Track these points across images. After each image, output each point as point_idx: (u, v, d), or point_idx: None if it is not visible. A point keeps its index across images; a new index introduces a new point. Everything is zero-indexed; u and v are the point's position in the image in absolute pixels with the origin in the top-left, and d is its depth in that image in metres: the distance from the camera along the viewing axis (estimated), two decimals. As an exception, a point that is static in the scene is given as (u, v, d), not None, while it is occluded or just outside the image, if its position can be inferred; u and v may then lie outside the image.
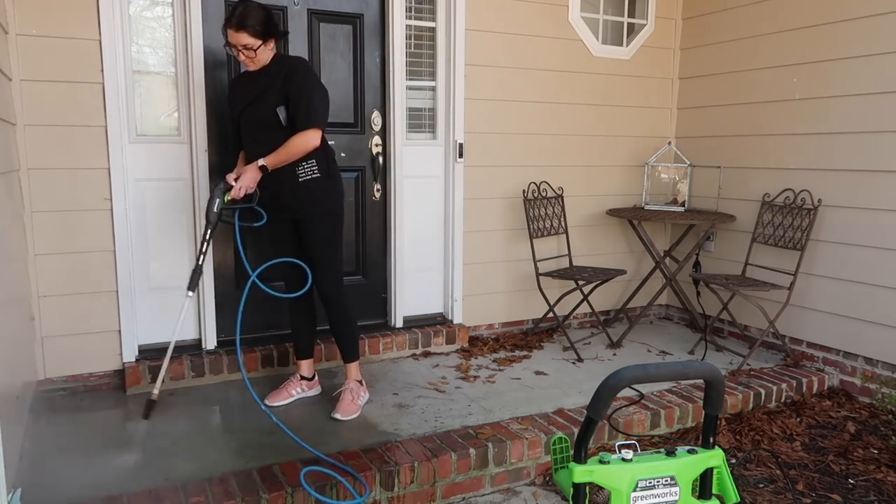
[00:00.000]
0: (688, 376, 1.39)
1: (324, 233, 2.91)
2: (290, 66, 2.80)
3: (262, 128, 2.81)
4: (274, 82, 2.77)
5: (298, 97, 2.73)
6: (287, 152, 2.74)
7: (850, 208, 3.53)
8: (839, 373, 3.63)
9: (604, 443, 2.94)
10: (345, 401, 2.98)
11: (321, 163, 2.86)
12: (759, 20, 3.97)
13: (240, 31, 2.70)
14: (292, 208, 2.89)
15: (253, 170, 2.75)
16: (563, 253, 4.24)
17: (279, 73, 2.78)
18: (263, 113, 2.79)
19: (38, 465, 2.50)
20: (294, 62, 2.83)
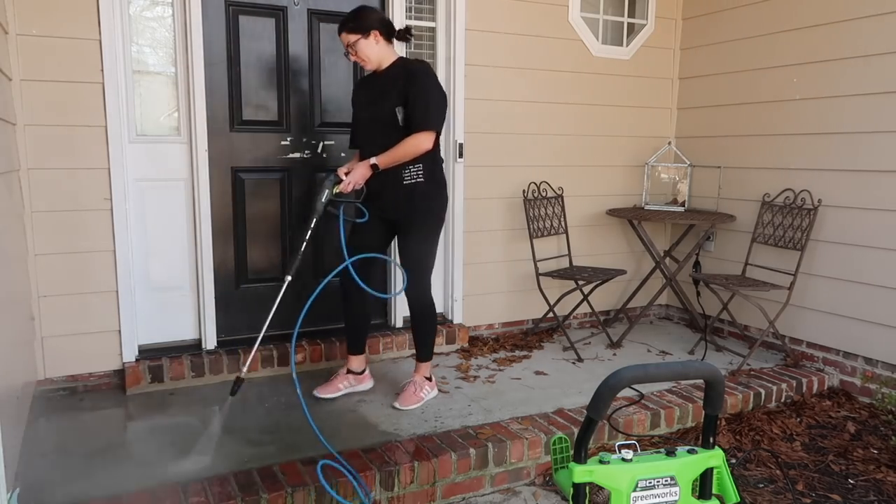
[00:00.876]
0: (688, 376, 1.39)
1: (419, 236, 2.93)
2: (412, 68, 2.85)
3: (378, 127, 2.87)
4: (395, 83, 2.82)
5: (416, 99, 2.77)
6: (399, 153, 2.79)
7: (850, 208, 3.53)
8: (839, 373, 3.63)
9: (604, 443, 2.94)
10: (407, 391, 3.06)
11: (428, 167, 2.89)
12: (759, 20, 3.97)
13: (341, 33, 2.86)
14: (392, 209, 2.93)
15: (364, 167, 2.81)
16: (563, 253, 4.24)
17: (400, 75, 2.83)
18: (382, 113, 2.84)
19: (38, 465, 2.50)
20: (416, 65, 2.87)
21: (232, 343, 3.52)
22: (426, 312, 3.04)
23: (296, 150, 3.61)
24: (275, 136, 3.55)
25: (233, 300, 3.56)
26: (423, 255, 2.96)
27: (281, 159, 3.58)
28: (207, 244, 3.41)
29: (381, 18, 2.88)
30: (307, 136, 3.62)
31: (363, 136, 2.97)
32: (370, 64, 2.88)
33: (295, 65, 3.55)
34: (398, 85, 2.82)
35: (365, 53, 2.85)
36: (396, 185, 2.87)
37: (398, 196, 2.89)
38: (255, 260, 3.59)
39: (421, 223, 2.93)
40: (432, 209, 2.95)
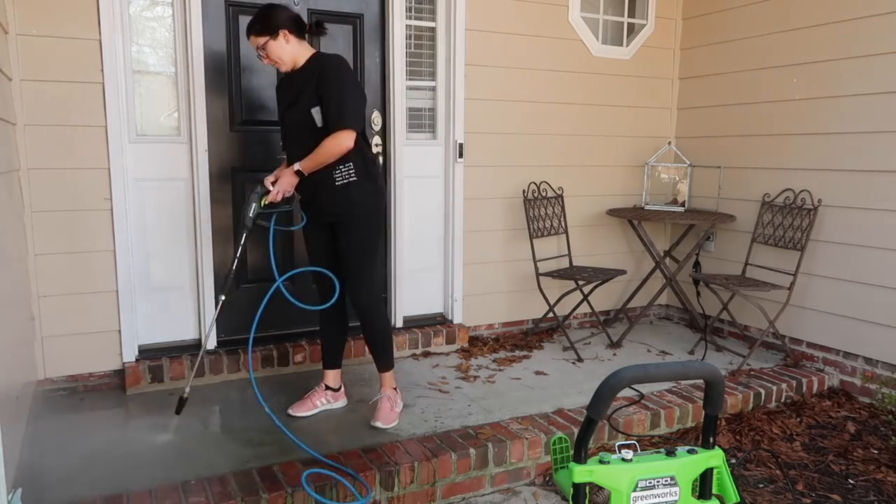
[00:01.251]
0: (688, 376, 1.38)
1: (358, 237, 2.78)
2: (323, 64, 2.69)
3: (299, 130, 2.73)
4: (308, 82, 2.68)
5: (329, 97, 2.63)
6: (321, 155, 2.65)
7: (850, 208, 3.53)
8: (839, 373, 3.63)
9: (604, 443, 2.94)
10: (383, 409, 2.88)
11: (358, 165, 2.75)
12: (759, 20, 3.97)
13: (249, 36, 2.72)
14: (329, 211, 2.79)
15: (289, 174, 2.70)
16: (563, 253, 4.24)
17: (313, 73, 2.69)
18: (300, 115, 2.70)
19: (37, 465, 2.50)
20: (326, 60, 2.71)
21: (232, 343, 3.51)
22: (378, 320, 2.87)
23: (296, 150, 3.60)
24: (275, 136, 3.55)
25: (233, 300, 3.55)
26: (366, 260, 2.81)
27: (281, 159, 3.57)
28: (207, 244, 3.41)
29: (289, 16, 2.71)
30: (307, 136, 3.62)
31: (288, 139, 2.82)
32: (284, 65, 2.73)
33: (295, 65, 3.54)
34: (311, 83, 2.67)
35: (276, 55, 2.69)
36: (329, 187, 2.73)
37: (334, 198, 2.75)
38: (256, 260, 3.59)
39: (361, 222, 2.79)
40: (370, 206, 2.79)
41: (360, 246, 2.80)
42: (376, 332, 2.89)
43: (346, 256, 2.80)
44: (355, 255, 2.79)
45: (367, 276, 2.82)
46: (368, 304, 2.84)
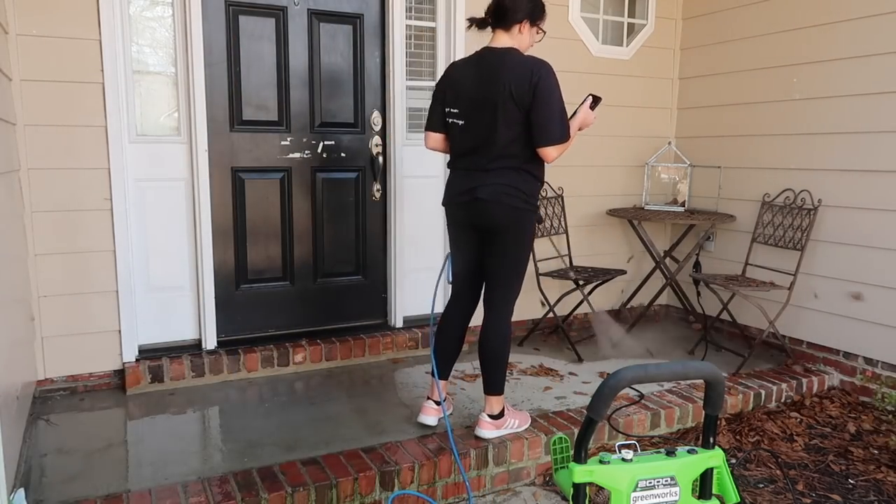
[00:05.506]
0: (688, 376, 1.39)
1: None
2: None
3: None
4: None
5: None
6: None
7: (850, 208, 3.53)
8: (839, 373, 3.63)
9: (604, 443, 2.94)
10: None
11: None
12: (759, 20, 3.97)
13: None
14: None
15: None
16: (563, 253, 4.23)
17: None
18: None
19: (37, 465, 2.50)
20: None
21: (232, 343, 3.52)
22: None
23: (296, 150, 3.60)
24: (275, 136, 3.55)
25: (233, 300, 3.56)
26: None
27: (281, 159, 3.58)
28: (207, 244, 3.41)
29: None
30: (307, 136, 3.62)
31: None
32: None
33: (295, 65, 3.55)
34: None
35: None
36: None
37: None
38: (256, 260, 3.59)
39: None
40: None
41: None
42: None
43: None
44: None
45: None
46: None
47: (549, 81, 2.46)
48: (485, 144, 2.53)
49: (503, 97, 2.46)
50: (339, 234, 3.78)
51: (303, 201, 3.66)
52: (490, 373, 2.68)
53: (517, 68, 2.46)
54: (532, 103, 2.44)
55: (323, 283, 3.77)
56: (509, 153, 2.52)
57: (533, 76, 2.44)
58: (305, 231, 3.69)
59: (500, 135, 2.49)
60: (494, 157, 2.52)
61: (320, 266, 3.75)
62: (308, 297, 3.74)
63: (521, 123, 2.48)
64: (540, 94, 2.44)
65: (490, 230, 2.60)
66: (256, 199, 3.55)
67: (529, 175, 2.57)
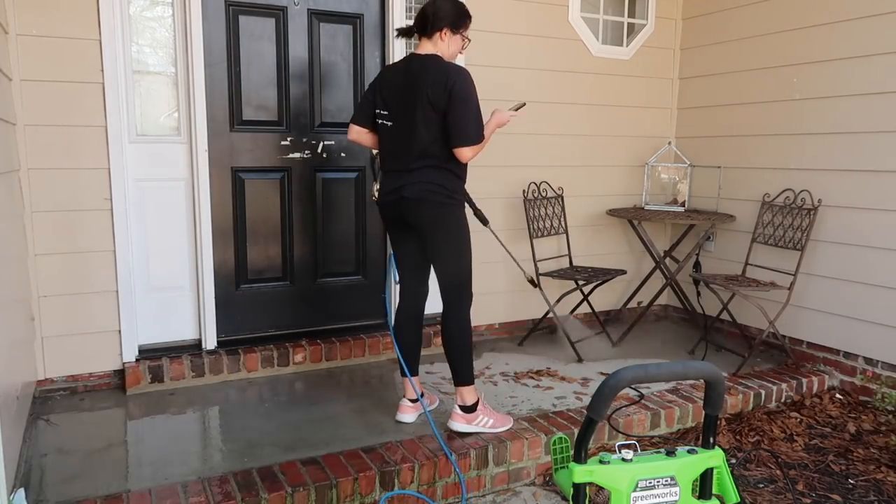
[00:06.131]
0: (688, 376, 1.38)
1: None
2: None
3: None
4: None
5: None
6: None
7: (850, 208, 3.53)
8: (839, 373, 3.63)
9: (604, 443, 2.94)
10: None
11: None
12: (759, 20, 3.97)
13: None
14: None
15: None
16: (564, 253, 4.23)
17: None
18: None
19: (37, 465, 2.50)
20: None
21: (232, 343, 3.52)
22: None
23: (296, 150, 3.61)
24: (275, 136, 3.55)
25: (233, 300, 3.56)
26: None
27: (281, 159, 3.58)
28: (207, 244, 3.41)
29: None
30: (307, 136, 3.62)
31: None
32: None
33: (295, 65, 3.55)
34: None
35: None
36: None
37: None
38: (256, 260, 3.59)
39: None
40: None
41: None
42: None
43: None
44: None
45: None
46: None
47: (464, 86, 2.57)
48: (408, 145, 2.65)
49: (422, 101, 2.58)
50: (339, 234, 3.78)
51: (303, 201, 3.66)
52: (454, 363, 2.76)
53: (436, 74, 2.57)
54: (448, 106, 2.55)
55: (323, 282, 3.78)
56: (430, 153, 2.63)
57: (449, 80, 2.55)
58: (305, 231, 3.69)
59: (420, 136, 2.61)
60: (416, 157, 2.64)
61: (320, 266, 3.75)
62: (308, 296, 3.74)
63: (438, 125, 2.59)
64: (455, 98, 2.55)
65: (419, 227, 2.72)
66: (256, 199, 3.55)
67: (451, 173, 2.68)
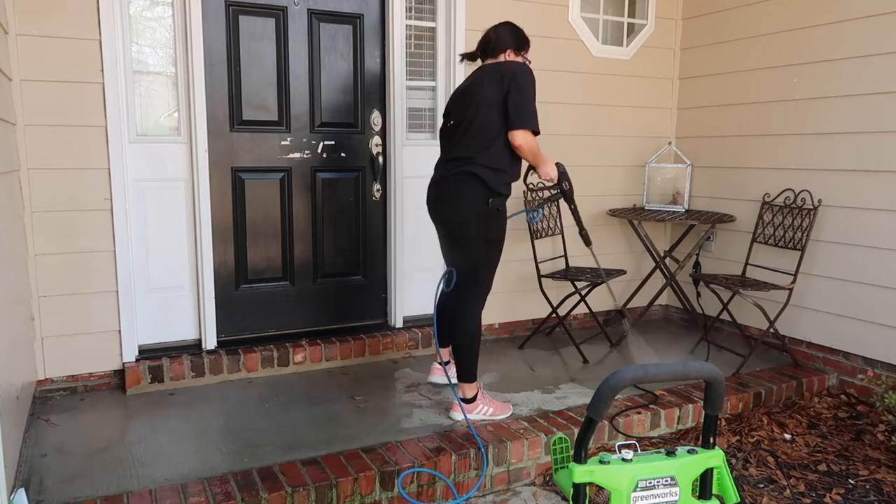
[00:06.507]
0: (688, 377, 1.38)
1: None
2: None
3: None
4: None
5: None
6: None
7: (850, 208, 3.53)
8: (839, 373, 3.63)
9: (604, 443, 2.94)
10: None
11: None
12: (759, 20, 3.97)
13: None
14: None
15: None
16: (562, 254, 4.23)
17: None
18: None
19: (38, 465, 2.50)
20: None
21: (232, 343, 3.52)
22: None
23: (296, 150, 3.61)
24: (275, 136, 3.55)
25: (233, 300, 3.56)
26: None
27: (281, 159, 3.58)
28: (207, 244, 3.41)
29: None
30: (307, 136, 3.62)
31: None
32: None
33: (295, 65, 3.55)
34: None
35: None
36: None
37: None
38: (256, 260, 3.59)
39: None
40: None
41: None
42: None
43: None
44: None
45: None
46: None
47: (524, 77, 2.78)
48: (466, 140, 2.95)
49: (481, 94, 2.79)
50: (339, 235, 3.78)
51: (303, 201, 3.66)
52: (458, 362, 2.93)
53: (499, 68, 2.81)
54: (507, 93, 2.75)
55: (323, 283, 3.78)
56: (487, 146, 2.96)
57: (507, 72, 2.78)
58: (305, 231, 3.69)
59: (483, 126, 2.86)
60: (477, 150, 2.97)
61: (320, 266, 3.75)
62: (308, 297, 3.74)
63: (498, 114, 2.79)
64: (514, 87, 2.76)
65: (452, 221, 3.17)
66: (256, 199, 3.55)
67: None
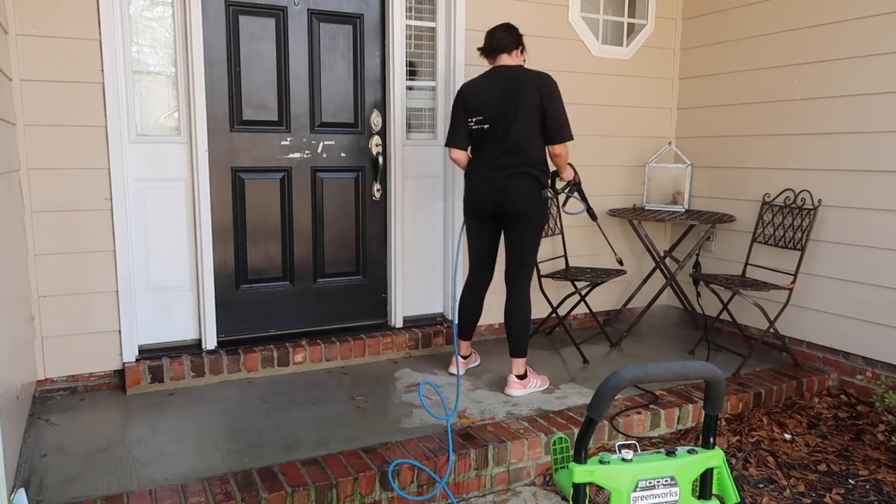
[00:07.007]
0: (688, 377, 1.38)
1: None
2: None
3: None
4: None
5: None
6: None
7: (850, 208, 3.53)
8: (839, 373, 3.63)
9: (604, 443, 2.94)
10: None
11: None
12: (759, 20, 3.97)
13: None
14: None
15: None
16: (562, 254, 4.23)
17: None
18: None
19: (38, 465, 2.50)
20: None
21: (232, 343, 3.52)
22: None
23: (296, 150, 3.61)
24: (275, 136, 3.55)
25: (233, 300, 3.56)
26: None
27: (281, 159, 3.58)
28: (207, 244, 3.41)
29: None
30: (307, 136, 3.62)
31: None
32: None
33: (295, 65, 3.55)
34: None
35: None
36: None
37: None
38: (256, 260, 3.59)
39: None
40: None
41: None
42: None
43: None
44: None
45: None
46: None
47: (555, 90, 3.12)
48: (505, 142, 3.17)
49: (525, 101, 3.11)
50: (339, 234, 3.78)
51: (303, 201, 3.66)
52: (515, 340, 3.22)
53: (535, 78, 3.14)
54: (547, 108, 3.11)
55: (323, 283, 3.78)
56: (526, 149, 3.17)
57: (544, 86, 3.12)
58: (305, 231, 3.69)
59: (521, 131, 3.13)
60: (513, 153, 3.19)
61: (320, 266, 3.75)
62: (308, 297, 3.74)
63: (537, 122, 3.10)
64: (552, 101, 3.13)
65: (512, 216, 3.26)
66: (256, 199, 3.55)
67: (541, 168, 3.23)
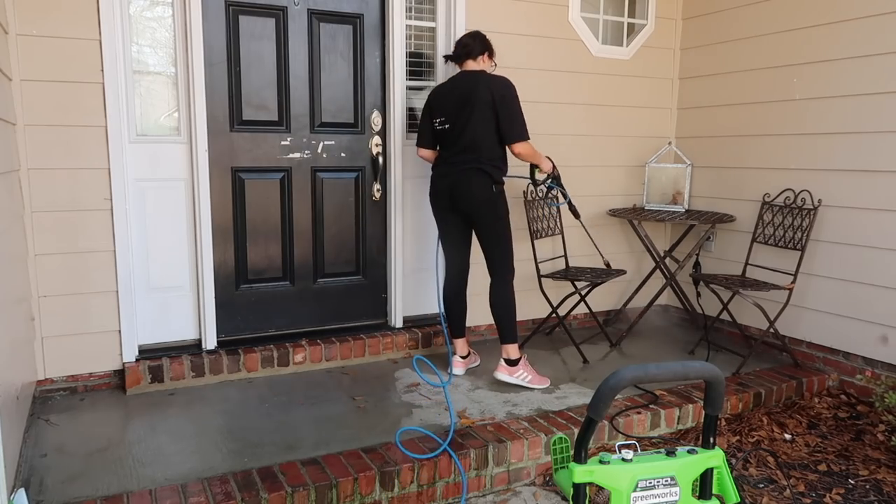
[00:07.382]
0: (688, 377, 1.38)
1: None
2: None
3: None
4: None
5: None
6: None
7: (850, 208, 3.53)
8: (839, 373, 3.63)
9: (604, 443, 2.94)
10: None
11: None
12: (759, 20, 3.97)
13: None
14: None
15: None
16: (562, 254, 4.23)
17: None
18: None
19: (38, 465, 2.50)
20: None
21: (232, 343, 3.52)
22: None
23: (296, 150, 3.61)
24: (275, 136, 3.55)
25: (233, 300, 3.56)
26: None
27: (281, 159, 3.58)
28: (207, 244, 3.41)
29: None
30: (307, 136, 3.62)
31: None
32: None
33: (295, 65, 3.55)
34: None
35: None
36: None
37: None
38: (256, 260, 3.59)
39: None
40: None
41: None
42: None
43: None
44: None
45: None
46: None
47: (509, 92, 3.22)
48: (461, 140, 3.30)
49: (479, 103, 3.20)
50: (339, 234, 3.78)
51: (303, 201, 3.66)
52: (501, 327, 3.39)
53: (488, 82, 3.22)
54: (499, 109, 3.21)
55: (323, 283, 3.78)
56: (481, 147, 3.30)
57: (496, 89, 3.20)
58: (305, 231, 3.69)
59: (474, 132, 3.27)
60: (468, 150, 3.32)
61: (320, 266, 3.75)
62: (308, 297, 3.74)
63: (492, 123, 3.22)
64: (503, 103, 3.20)
65: (471, 211, 3.46)
66: (256, 199, 3.55)
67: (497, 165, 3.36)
